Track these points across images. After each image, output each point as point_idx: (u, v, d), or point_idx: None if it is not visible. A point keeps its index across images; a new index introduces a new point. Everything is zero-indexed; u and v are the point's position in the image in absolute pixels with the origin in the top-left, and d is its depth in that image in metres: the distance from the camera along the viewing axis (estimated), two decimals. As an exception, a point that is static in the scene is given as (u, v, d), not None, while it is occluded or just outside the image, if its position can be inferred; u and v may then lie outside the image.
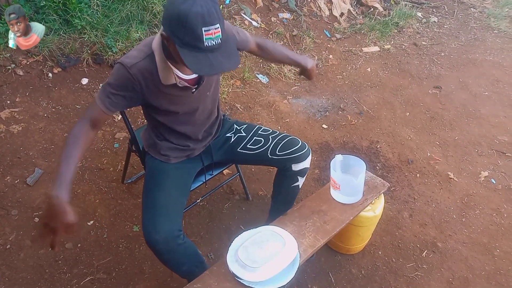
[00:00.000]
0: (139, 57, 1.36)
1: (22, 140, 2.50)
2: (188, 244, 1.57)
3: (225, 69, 1.25)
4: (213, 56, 1.21)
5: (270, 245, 1.51)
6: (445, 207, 2.50)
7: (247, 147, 1.78)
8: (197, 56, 1.20)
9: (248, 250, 1.48)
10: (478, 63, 4.04)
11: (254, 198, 2.41)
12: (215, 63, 1.21)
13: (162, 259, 1.57)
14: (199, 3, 1.15)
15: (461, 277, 2.12)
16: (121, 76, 1.36)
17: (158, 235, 1.45)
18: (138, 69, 1.35)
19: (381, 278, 2.09)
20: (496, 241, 2.32)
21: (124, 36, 3.09)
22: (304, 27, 4.07)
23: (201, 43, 1.19)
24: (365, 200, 1.83)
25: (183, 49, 1.21)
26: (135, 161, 2.50)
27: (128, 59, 1.35)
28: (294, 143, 1.76)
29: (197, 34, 1.17)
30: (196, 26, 1.16)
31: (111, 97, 1.38)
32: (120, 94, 1.38)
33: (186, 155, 1.73)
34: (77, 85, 2.90)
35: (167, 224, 1.48)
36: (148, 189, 1.62)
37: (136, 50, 1.38)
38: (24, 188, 2.28)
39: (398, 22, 4.53)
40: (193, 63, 1.20)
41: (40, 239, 1.26)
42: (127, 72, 1.34)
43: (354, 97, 3.41)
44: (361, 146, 2.90)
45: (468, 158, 2.88)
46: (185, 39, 1.19)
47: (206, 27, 1.16)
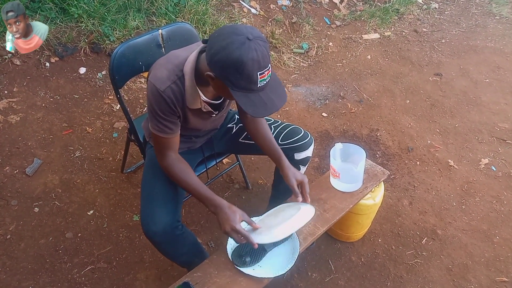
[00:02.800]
0: (171, 79, 1.34)
1: (20, 130, 2.49)
2: (186, 234, 1.57)
3: (278, 107, 1.28)
4: (264, 95, 1.24)
5: (286, 212, 1.52)
6: (445, 195, 2.50)
7: (248, 137, 1.78)
8: (249, 97, 1.23)
9: (265, 222, 1.51)
10: (479, 49, 4.01)
11: (254, 187, 2.41)
12: (268, 102, 1.25)
13: (161, 250, 1.57)
14: (253, 47, 1.15)
15: (460, 264, 2.13)
16: (158, 101, 1.35)
17: (156, 226, 1.45)
18: (171, 91, 1.34)
19: (380, 265, 2.10)
20: (496, 228, 2.32)
21: (121, 24, 3.06)
22: (303, 14, 4.03)
23: (255, 85, 1.21)
24: (365, 188, 1.82)
25: (235, 92, 1.22)
26: (134, 151, 2.49)
27: (160, 82, 1.33)
28: (296, 132, 1.76)
29: (253, 79, 1.19)
30: (252, 72, 1.17)
31: (164, 122, 1.39)
32: (168, 116, 1.39)
33: (188, 146, 1.72)
34: (75, 74, 2.88)
35: (165, 215, 1.48)
36: (147, 179, 1.62)
37: (167, 70, 1.35)
38: (23, 178, 2.27)
39: (398, 9, 4.47)
40: (249, 106, 1.23)
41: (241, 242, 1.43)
42: (162, 96, 1.33)
43: (354, 85, 3.39)
44: (361, 134, 2.89)
45: (468, 146, 2.87)
46: (239, 84, 1.20)
47: (260, 71, 1.18)
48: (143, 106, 2.82)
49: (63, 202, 2.21)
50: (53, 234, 2.07)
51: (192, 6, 3.35)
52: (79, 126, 2.61)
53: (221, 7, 3.66)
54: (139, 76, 3.01)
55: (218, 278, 1.45)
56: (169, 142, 1.45)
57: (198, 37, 1.92)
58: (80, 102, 2.75)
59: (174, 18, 3.26)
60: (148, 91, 1.37)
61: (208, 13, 3.39)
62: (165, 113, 1.37)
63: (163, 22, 3.22)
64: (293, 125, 1.79)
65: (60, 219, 2.13)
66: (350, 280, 2.03)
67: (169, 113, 1.38)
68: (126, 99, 2.84)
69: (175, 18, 3.27)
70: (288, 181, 1.57)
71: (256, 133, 1.67)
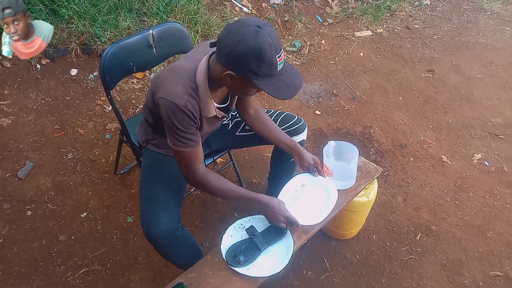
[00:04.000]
0: (187, 93, 1.33)
1: (12, 133, 2.47)
2: (186, 236, 1.57)
3: (300, 86, 1.32)
4: (284, 77, 1.28)
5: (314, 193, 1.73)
6: (439, 190, 2.51)
7: (245, 129, 1.82)
8: (272, 82, 1.25)
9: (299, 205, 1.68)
10: (471, 45, 4.02)
11: (248, 186, 2.41)
12: (290, 83, 1.28)
13: (161, 252, 1.57)
14: (266, 33, 1.19)
15: (454, 259, 2.14)
16: (180, 117, 1.33)
17: (157, 228, 1.44)
18: (190, 104, 1.33)
19: (375, 262, 2.11)
20: (489, 223, 2.33)
21: (112, 25, 3.04)
22: (295, 12, 4.02)
23: (276, 69, 1.24)
24: (358, 186, 1.83)
25: (259, 81, 1.24)
26: (127, 152, 2.48)
27: (178, 98, 1.31)
28: (291, 117, 1.83)
29: (273, 63, 1.22)
30: (272, 57, 1.20)
31: (188, 136, 1.38)
32: (190, 129, 1.38)
33: None
34: (66, 76, 2.86)
35: (167, 216, 1.47)
36: (146, 181, 1.61)
37: (180, 85, 1.33)
38: (15, 182, 2.25)
39: (390, 6, 4.48)
40: (275, 91, 1.26)
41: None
42: (184, 111, 1.32)
43: (347, 82, 3.39)
44: (354, 132, 2.90)
45: (461, 141, 2.88)
46: (262, 72, 1.22)
47: (278, 54, 1.22)
48: (135, 107, 2.80)
49: (56, 205, 2.19)
50: (46, 237, 2.05)
51: (184, 5, 3.34)
52: (71, 128, 2.59)
53: (213, 6, 3.64)
54: (131, 76, 2.99)
55: (213, 278, 1.45)
56: (196, 154, 1.44)
57: (189, 37, 1.91)
58: (72, 104, 2.73)
59: (166, 18, 3.25)
60: (165, 109, 1.33)
61: (200, 13, 3.38)
62: (188, 127, 1.36)
63: (154, 22, 3.20)
64: (286, 112, 1.87)
65: (53, 222, 2.12)
66: (345, 277, 2.03)
67: (191, 126, 1.38)
68: (118, 100, 2.82)
69: (167, 18, 3.26)
70: (308, 162, 1.72)
71: (264, 127, 1.73)
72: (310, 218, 1.62)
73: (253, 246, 1.50)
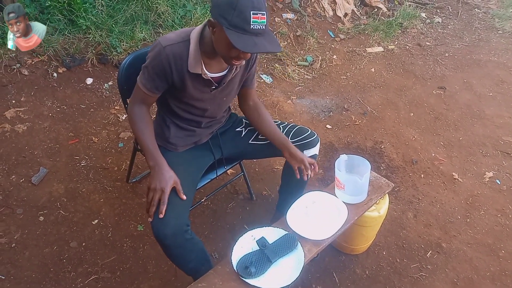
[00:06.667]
0: (176, 40, 1.44)
1: (27, 139, 2.51)
2: (196, 241, 1.57)
3: (268, 49, 1.32)
4: (257, 39, 1.29)
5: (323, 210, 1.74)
6: (450, 208, 2.49)
7: (258, 138, 1.84)
8: (242, 37, 1.27)
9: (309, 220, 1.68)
10: (483, 63, 4.03)
11: (258, 198, 2.41)
12: (259, 44, 1.29)
13: (170, 254, 1.56)
14: None
15: (465, 278, 2.11)
16: (156, 54, 1.43)
17: (167, 229, 1.44)
18: (171, 50, 1.42)
19: (385, 278, 2.09)
20: (501, 242, 2.31)
21: (128, 36, 3.10)
22: (308, 28, 4.07)
23: (248, 25, 1.26)
24: (369, 200, 1.83)
25: (230, 31, 1.27)
26: (140, 161, 2.50)
27: (165, 40, 1.43)
28: (304, 131, 1.84)
29: (245, 15, 1.25)
30: (246, 8, 1.24)
31: (149, 79, 1.48)
32: (157, 75, 1.47)
33: (194, 142, 1.75)
34: (82, 85, 2.91)
35: (175, 218, 1.48)
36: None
37: (174, 34, 1.46)
38: (29, 187, 2.28)
39: (402, 23, 4.52)
40: (239, 42, 1.27)
41: (150, 207, 1.46)
42: (161, 52, 1.42)
43: (358, 98, 3.40)
44: (365, 147, 2.90)
45: (472, 159, 2.87)
46: (233, 21, 1.26)
47: (254, 11, 1.25)
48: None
49: (68, 211, 2.21)
50: (57, 243, 2.07)
51: (198, 18, 3.40)
52: (85, 135, 2.63)
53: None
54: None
55: (223, 288, 1.45)
56: (148, 98, 1.54)
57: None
58: (86, 112, 2.78)
59: (180, 30, 3.31)
60: (150, 48, 1.47)
61: (214, 26, 3.44)
62: (156, 71, 1.46)
63: (169, 34, 3.26)
64: (299, 125, 1.88)
65: (64, 228, 2.14)
66: (354, 293, 2.02)
67: (161, 72, 1.46)
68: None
69: (181, 30, 3.32)
70: (301, 160, 1.70)
71: (259, 119, 1.79)
72: (321, 233, 1.62)
73: (263, 257, 1.51)
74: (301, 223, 1.65)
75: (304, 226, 1.63)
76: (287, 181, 2.00)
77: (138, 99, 1.55)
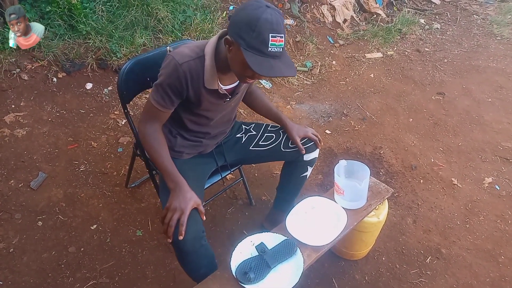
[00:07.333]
0: (191, 56, 1.41)
1: (26, 144, 2.51)
2: (208, 247, 1.57)
3: (284, 74, 1.33)
4: (274, 62, 1.29)
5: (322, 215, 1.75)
6: (449, 213, 2.49)
7: (259, 144, 1.85)
8: (259, 59, 1.28)
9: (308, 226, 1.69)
10: (481, 69, 4.04)
11: (257, 203, 2.41)
12: (276, 67, 1.29)
13: (185, 260, 1.55)
14: (269, 12, 1.25)
15: (465, 284, 2.11)
16: (171, 71, 1.40)
17: (187, 235, 1.43)
18: (188, 67, 1.41)
19: (384, 284, 2.08)
20: (501, 247, 2.30)
21: (128, 41, 3.11)
22: (307, 33, 4.09)
23: (266, 48, 1.26)
24: (369, 206, 1.82)
25: (247, 52, 1.27)
26: (139, 166, 2.50)
27: (180, 56, 1.40)
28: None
29: (264, 38, 1.24)
30: (265, 30, 1.24)
31: (165, 96, 1.45)
32: (172, 92, 1.44)
33: (199, 151, 1.75)
34: (82, 90, 2.92)
35: (194, 224, 1.47)
36: (168, 190, 1.61)
37: (188, 49, 1.43)
38: (27, 192, 2.28)
39: (401, 29, 4.54)
40: (255, 64, 1.27)
41: (168, 228, 1.42)
42: (178, 69, 1.40)
43: (357, 103, 3.41)
44: (364, 152, 2.90)
45: (471, 164, 2.87)
46: (251, 42, 1.26)
47: (273, 34, 1.25)
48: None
49: (66, 216, 2.21)
50: (56, 248, 2.06)
51: (198, 24, 3.41)
52: (84, 140, 2.63)
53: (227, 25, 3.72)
54: (145, 92, 3.04)
55: (222, 294, 1.44)
56: (162, 115, 1.51)
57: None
58: (86, 117, 2.78)
59: (180, 35, 3.32)
60: (164, 64, 1.43)
61: (214, 31, 3.45)
62: (172, 88, 1.43)
63: (169, 39, 3.27)
64: None
65: (63, 233, 2.13)
66: (353, 299, 2.01)
67: (176, 89, 1.44)
68: (132, 115, 2.83)
69: (181, 35, 3.33)
70: (292, 138, 1.78)
71: (253, 101, 1.86)
72: (320, 238, 1.62)
73: (263, 263, 1.50)
74: (300, 228, 1.64)
75: (303, 232, 1.62)
76: (287, 180, 2.01)
77: (150, 116, 1.51)
